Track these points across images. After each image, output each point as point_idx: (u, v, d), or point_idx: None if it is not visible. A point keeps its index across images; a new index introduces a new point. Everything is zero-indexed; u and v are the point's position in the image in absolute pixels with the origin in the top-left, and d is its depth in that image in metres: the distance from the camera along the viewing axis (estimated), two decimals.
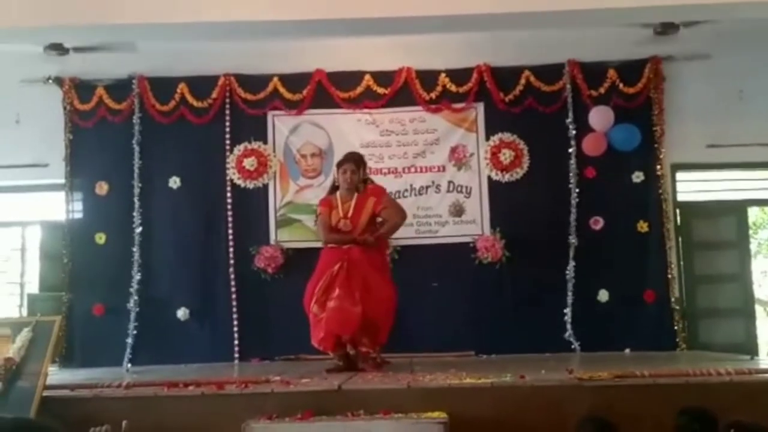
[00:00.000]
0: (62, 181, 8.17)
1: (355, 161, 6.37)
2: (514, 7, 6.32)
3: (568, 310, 7.87)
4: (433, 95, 8.17)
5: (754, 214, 12.43)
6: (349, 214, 6.22)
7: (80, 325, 8.02)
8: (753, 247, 10.73)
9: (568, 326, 7.84)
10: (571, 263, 7.91)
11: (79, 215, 8.23)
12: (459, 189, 8.18)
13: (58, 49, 7.79)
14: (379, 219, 6.30)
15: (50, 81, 8.21)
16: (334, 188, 6.45)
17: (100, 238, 8.12)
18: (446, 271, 8.04)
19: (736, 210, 8.46)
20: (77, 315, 8.03)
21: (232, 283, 8.05)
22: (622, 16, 6.79)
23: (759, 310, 9.53)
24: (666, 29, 7.66)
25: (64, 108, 8.22)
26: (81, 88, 8.25)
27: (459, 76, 8.18)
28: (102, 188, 8.18)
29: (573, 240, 7.95)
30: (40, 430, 2.00)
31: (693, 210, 8.37)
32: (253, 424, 4.31)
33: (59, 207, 8.24)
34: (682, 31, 7.71)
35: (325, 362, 6.37)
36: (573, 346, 7.77)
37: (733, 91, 8.17)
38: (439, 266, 8.06)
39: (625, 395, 4.59)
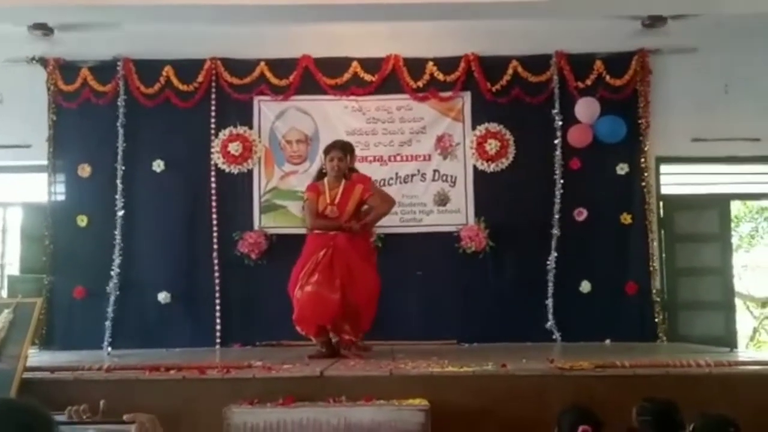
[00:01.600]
0: (45, 162, 8.09)
1: (342, 148, 6.37)
2: None
3: (549, 300, 7.90)
4: (420, 83, 8.16)
5: (736, 207, 12.54)
6: (336, 201, 6.21)
7: (61, 308, 7.96)
8: (734, 240, 10.81)
9: (550, 316, 7.88)
10: (554, 254, 7.94)
11: (61, 197, 8.17)
12: (444, 178, 8.19)
13: (43, 28, 7.72)
14: (366, 207, 6.29)
15: (34, 61, 8.12)
16: (321, 174, 6.44)
17: (82, 221, 8.07)
18: (430, 259, 8.06)
19: (719, 203, 8.51)
20: (58, 297, 7.98)
21: (215, 267, 8.02)
22: (611, 7, 6.80)
23: (739, 303, 9.62)
24: (654, 22, 7.68)
25: (48, 89, 8.14)
26: (65, 68, 8.17)
27: (446, 64, 8.16)
28: (85, 170, 8.11)
29: (556, 231, 7.97)
30: (26, 410, 1.97)
31: (676, 203, 8.42)
32: (235, 409, 4.30)
33: (41, 188, 8.16)
34: (669, 24, 7.74)
35: (307, 348, 6.39)
36: (554, 336, 7.80)
37: (719, 86, 8.20)
38: (423, 255, 8.07)
39: (605, 385, 4.62)
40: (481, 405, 4.56)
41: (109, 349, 7.60)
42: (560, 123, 8.07)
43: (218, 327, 7.94)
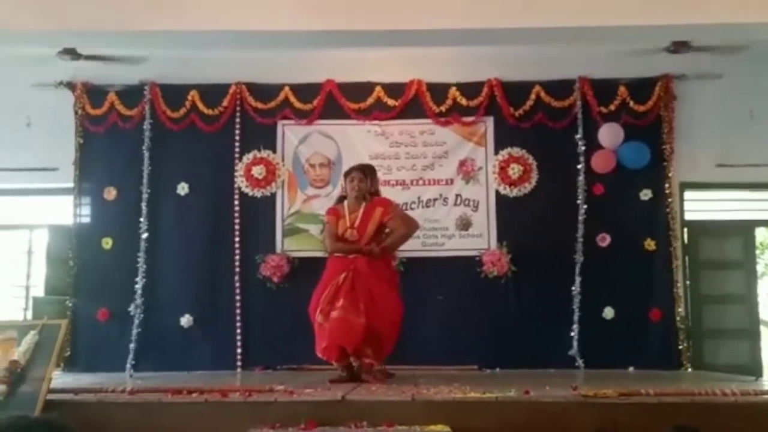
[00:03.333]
0: (71, 185, 8.19)
1: (362, 170, 6.41)
2: (525, 23, 6.33)
3: (574, 327, 7.84)
4: (443, 108, 8.18)
5: (761, 234, 12.40)
6: (356, 224, 6.23)
7: (84, 330, 8.01)
8: (759, 267, 10.69)
9: (574, 342, 7.82)
10: (578, 279, 7.89)
11: (86, 219, 8.25)
12: (466, 202, 8.19)
13: (71, 53, 7.81)
14: (387, 230, 6.30)
15: (62, 85, 8.24)
16: (342, 198, 6.47)
17: (107, 243, 8.13)
18: (452, 284, 8.04)
19: (744, 230, 8.45)
20: (82, 319, 8.02)
21: (237, 291, 8.05)
22: (634, 34, 6.80)
23: (764, 331, 9.49)
24: (678, 48, 7.65)
25: (75, 112, 8.25)
26: (93, 93, 8.28)
27: (469, 89, 8.19)
28: (110, 193, 8.19)
29: (579, 256, 7.93)
30: (49, 425, 1.98)
31: (700, 229, 8.35)
32: None
33: (67, 211, 8.24)
34: (694, 50, 7.71)
35: (328, 373, 6.36)
36: (577, 363, 7.74)
37: (744, 111, 8.17)
38: (444, 279, 8.05)
39: (629, 413, 4.57)
40: (503, 431, 4.52)
41: (132, 371, 7.64)
42: (584, 148, 8.06)
43: (239, 350, 7.96)
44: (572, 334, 7.84)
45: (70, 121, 8.24)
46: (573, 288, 7.88)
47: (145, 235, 8.06)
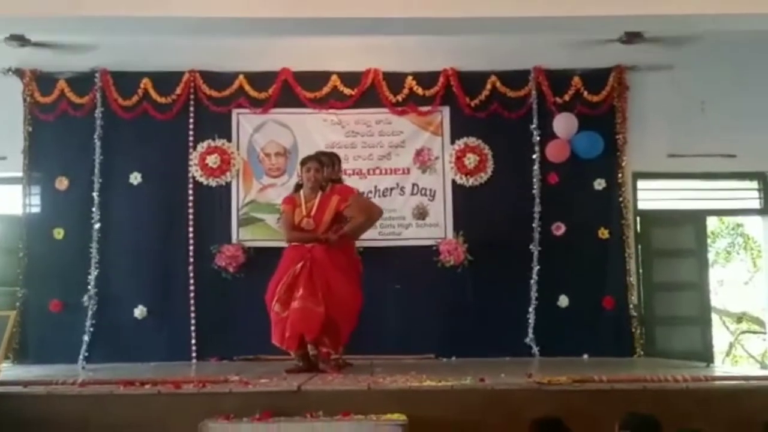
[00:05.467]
0: (20, 174, 8.03)
1: (318, 159, 6.39)
2: (480, 12, 6.33)
3: (530, 315, 7.91)
4: (399, 98, 8.17)
5: (712, 223, 12.65)
6: (312, 213, 6.21)
7: (35, 321, 7.86)
8: (710, 256, 10.90)
9: (530, 330, 7.89)
10: (533, 268, 7.96)
11: (36, 209, 8.10)
12: (423, 192, 8.19)
13: (20, 40, 7.62)
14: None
15: (10, 72, 8.07)
16: (299, 186, 6.44)
17: (59, 233, 8.00)
18: (409, 273, 8.05)
19: (695, 219, 8.56)
20: (32, 310, 7.88)
21: (192, 281, 7.96)
22: (588, 25, 6.85)
23: (715, 318, 9.68)
24: (631, 38, 7.73)
25: (24, 100, 8.08)
26: (42, 80, 8.11)
27: (425, 79, 8.19)
28: (62, 183, 8.05)
29: (535, 245, 8.00)
30: None
31: (653, 218, 8.46)
32: (211, 424, 4.27)
33: (16, 201, 8.09)
34: (646, 41, 7.79)
35: (284, 363, 6.35)
36: (533, 351, 7.82)
37: (695, 102, 8.27)
38: (401, 269, 8.06)
39: (583, 400, 4.63)
40: (460, 419, 4.55)
41: (84, 363, 7.53)
42: (538, 138, 8.12)
43: (194, 341, 7.88)
44: (528, 322, 7.91)
45: (18, 109, 8.06)
46: (528, 276, 7.94)
47: (97, 226, 7.93)
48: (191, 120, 8.16)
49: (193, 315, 7.91)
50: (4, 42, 7.63)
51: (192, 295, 7.94)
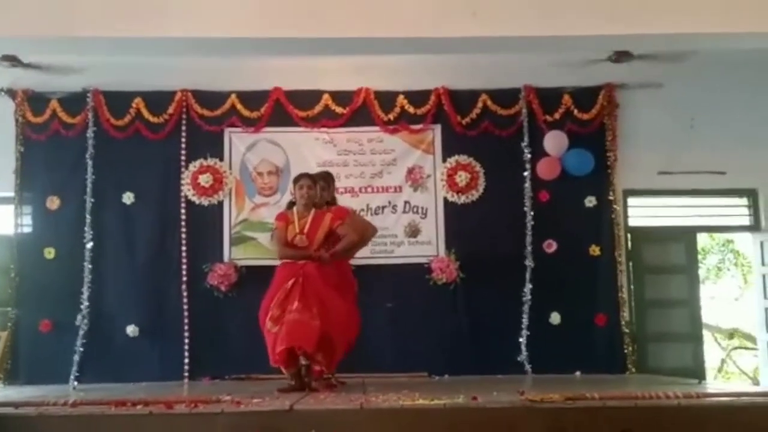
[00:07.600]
0: (11, 194, 8.02)
1: (312, 177, 6.42)
2: (471, 32, 6.37)
3: (523, 332, 7.92)
4: (391, 116, 8.22)
5: (702, 240, 12.70)
6: (306, 230, 6.22)
7: (26, 341, 7.83)
8: (701, 272, 10.93)
9: (523, 348, 7.89)
10: (525, 285, 7.97)
11: (28, 229, 8.08)
12: (415, 210, 8.22)
13: (12, 60, 7.63)
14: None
15: (2, 92, 8.08)
16: (292, 204, 6.45)
17: (50, 253, 7.98)
18: (401, 291, 8.06)
19: (686, 236, 8.60)
20: (24, 330, 7.85)
21: (184, 300, 7.95)
22: (578, 44, 6.89)
23: (706, 334, 9.69)
24: (621, 57, 7.77)
25: (16, 120, 8.09)
26: (34, 100, 8.13)
27: (417, 97, 8.24)
28: (53, 202, 8.04)
29: (527, 263, 8.02)
30: None
31: (643, 235, 8.49)
32: None
33: (8, 220, 8.07)
34: (636, 59, 7.84)
35: (276, 382, 6.34)
36: (525, 368, 7.82)
37: (685, 120, 8.33)
38: (393, 286, 8.06)
39: (575, 417, 4.63)
40: None
41: (75, 383, 7.51)
42: (529, 156, 8.16)
43: (187, 360, 7.86)
44: (520, 339, 7.92)
45: (10, 129, 8.07)
46: (520, 294, 7.95)
47: (89, 245, 7.92)
48: (183, 139, 8.17)
49: (186, 334, 7.89)
50: None
51: (185, 314, 7.93)
